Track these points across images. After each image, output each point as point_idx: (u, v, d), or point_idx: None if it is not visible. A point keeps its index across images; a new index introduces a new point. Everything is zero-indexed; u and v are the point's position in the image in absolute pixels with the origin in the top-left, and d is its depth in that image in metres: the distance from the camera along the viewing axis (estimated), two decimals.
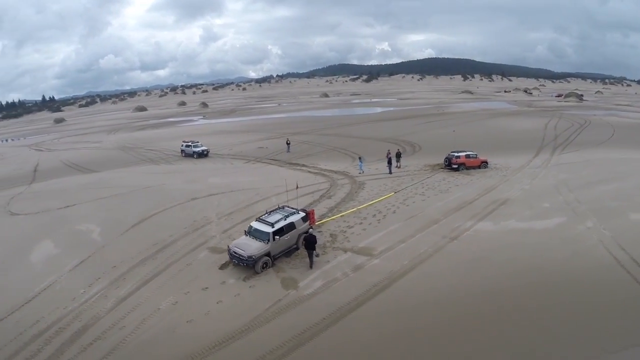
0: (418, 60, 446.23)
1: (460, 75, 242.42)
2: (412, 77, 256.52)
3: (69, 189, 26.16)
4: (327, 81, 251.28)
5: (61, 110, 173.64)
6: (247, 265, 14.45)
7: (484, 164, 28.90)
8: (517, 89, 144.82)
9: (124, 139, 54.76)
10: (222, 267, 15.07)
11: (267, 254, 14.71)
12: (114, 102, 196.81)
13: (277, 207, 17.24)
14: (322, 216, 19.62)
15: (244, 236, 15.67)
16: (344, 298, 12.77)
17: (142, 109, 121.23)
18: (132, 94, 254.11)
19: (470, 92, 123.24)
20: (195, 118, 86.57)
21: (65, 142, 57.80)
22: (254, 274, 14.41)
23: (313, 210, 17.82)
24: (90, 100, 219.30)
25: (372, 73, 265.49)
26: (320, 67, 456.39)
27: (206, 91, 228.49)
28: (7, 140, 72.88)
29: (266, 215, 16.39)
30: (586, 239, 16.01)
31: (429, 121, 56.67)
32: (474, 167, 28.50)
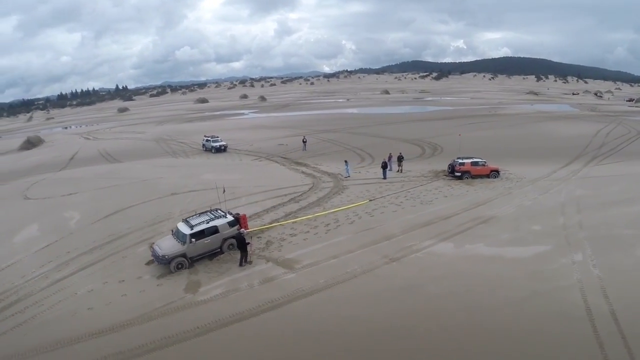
0: (493, 59, 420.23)
1: (534, 76, 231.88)
2: (484, 76, 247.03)
3: (83, 178, 29.16)
4: (396, 78, 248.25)
5: (132, 100, 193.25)
6: (162, 264, 14.82)
7: (493, 173, 25.81)
8: (587, 92, 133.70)
9: (166, 130, 59.25)
10: (149, 263, 15.47)
11: (183, 255, 14.88)
12: (183, 93, 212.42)
13: (209, 209, 17.16)
14: (275, 220, 19.03)
15: (170, 235, 16.08)
16: (230, 311, 12.24)
17: (204, 100, 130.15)
18: (202, 85, 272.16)
19: (536, 94, 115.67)
20: (246, 112, 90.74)
21: (115, 131, 63.86)
22: (169, 273, 14.70)
23: (244, 215, 17.36)
24: (161, 90, 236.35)
25: (443, 71, 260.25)
26: (393, 64, 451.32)
27: (274, 85, 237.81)
28: (68, 128, 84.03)
29: (194, 216, 16.54)
30: (562, 277, 13.15)
31: (473, 122, 53.39)
32: (480, 176, 25.76)
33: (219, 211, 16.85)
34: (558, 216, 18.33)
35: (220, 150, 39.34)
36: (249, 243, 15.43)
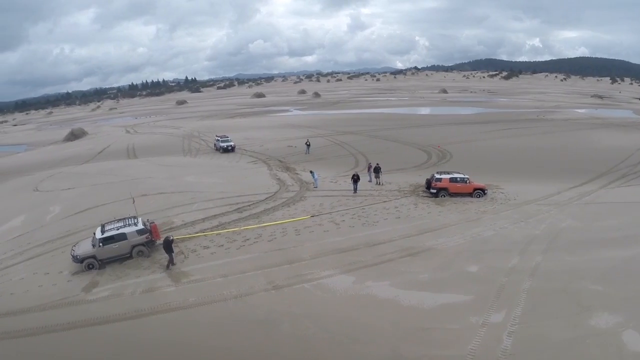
0: (569, 59, 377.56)
1: (609, 78, 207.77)
2: (556, 76, 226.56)
3: (88, 174, 32.56)
4: (464, 76, 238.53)
5: (200, 91, 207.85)
6: (76, 263, 15.96)
7: (477, 192, 22.96)
8: None
9: (202, 126, 62.84)
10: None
11: (93, 257, 15.95)
12: (249, 86, 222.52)
13: (127, 217, 17.89)
14: (203, 230, 19.04)
15: (90, 238, 17.08)
16: (99, 313, 13.11)
17: (260, 95, 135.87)
18: (268, 79, 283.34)
19: (601, 97, 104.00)
20: (292, 109, 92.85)
21: (157, 125, 68.87)
22: (82, 271, 15.77)
23: (155, 225, 17.69)
24: (229, 83, 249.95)
25: (515, 70, 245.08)
26: (466, 61, 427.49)
27: (340, 80, 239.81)
28: (120, 119, 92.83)
29: (112, 222, 17.40)
30: (454, 343, 10.83)
31: (508, 128, 49.80)
32: (461, 194, 23.20)
33: (133, 219, 17.43)
34: (513, 255, 15.48)
35: (228, 150, 40.57)
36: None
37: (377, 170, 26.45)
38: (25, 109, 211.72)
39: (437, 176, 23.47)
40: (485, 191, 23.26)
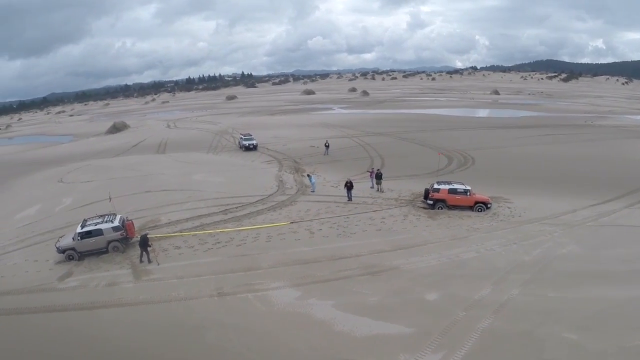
0: (633, 62, 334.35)
1: None
2: (617, 80, 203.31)
3: (111, 167, 34.93)
4: (522, 77, 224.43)
5: (255, 87, 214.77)
6: (58, 253, 17.38)
7: (479, 206, 21.06)
8: None
9: (240, 123, 64.28)
10: None
11: (73, 249, 17.26)
12: (304, 83, 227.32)
13: (107, 214, 18.98)
14: (185, 230, 19.68)
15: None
16: (59, 302, 14.06)
17: (310, 92, 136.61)
18: (324, 75, 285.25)
19: None
20: (335, 107, 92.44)
21: (197, 120, 71.59)
22: (65, 261, 17.16)
23: (130, 222, 18.58)
24: (284, 79, 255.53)
25: (574, 72, 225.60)
26: (527, 62, 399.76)
27: (395, 78, 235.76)
28: (168, 113, 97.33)
29: (93, 218, 18.60)
30: None
31: (549, 133, 46.00)
32: (461, 207, 21.38)
33: (111, 216, 18.51)
34: (485, 285, 13.90)
35: (250, 148, 41.24)
36: (150, 245, 16.96)
37: (378, 176, 25.38)
38: (85, 100, 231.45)
39: (436, 186, 21.92)
40: (489, 205, 21.29)
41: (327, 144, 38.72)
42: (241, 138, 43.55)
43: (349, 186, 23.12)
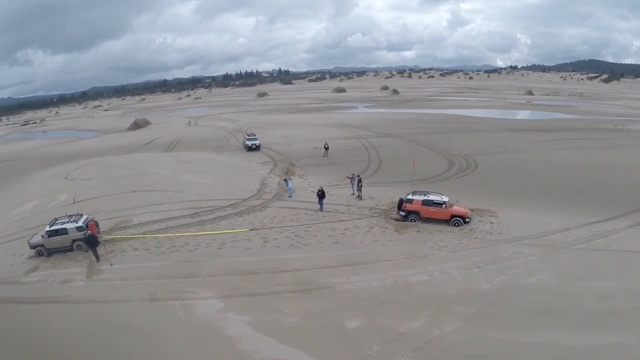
0: None
1: None
2: None
3: (115, 165, 36.39)
4: (561, 77, 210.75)
5: (291, 83, 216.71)
6: (30, 249, 18.53)
7: (455, 220, 19.61)
8: None
9: (259, 121, 63.60)
10: None
11: (42, 246, 18.40)
12: (340, 80, 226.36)
13: (75, 214, 19.96)
14: (149, 232, 20.07)
15: None
16: (17, 294, 15.26)
17: (341, 90, 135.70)
18: (360, 73, 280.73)
19: None
20: (360, 106, 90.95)
21: (216, 118, 72.46)
22: (35, 256, 18.30)
23: (92, 223, 19.20)
24: (320, 76, 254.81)
25: (617, 73, 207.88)
26: (569, 62, 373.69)
27: (432, 77, 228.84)
28: (195, 109, 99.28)
29: (63, 217, 19.67)
30: None
31: (574, 137, 42.78)
32: (436, 221, 20.07)
33: (77, 217, 19.51)
34: (421, 316, 12.79)
35: (252, 149, 41.35)
36: (98, 244, 17.93)
37: (358, 182, 24.46)
38: (123, 94, 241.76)
39: (409, 196, 20.71)
40: (467, 219, 19.79)
41: (326, 146, 38.04)
42: (246, 138, 43.76)
43: (320, 194, 22.36)
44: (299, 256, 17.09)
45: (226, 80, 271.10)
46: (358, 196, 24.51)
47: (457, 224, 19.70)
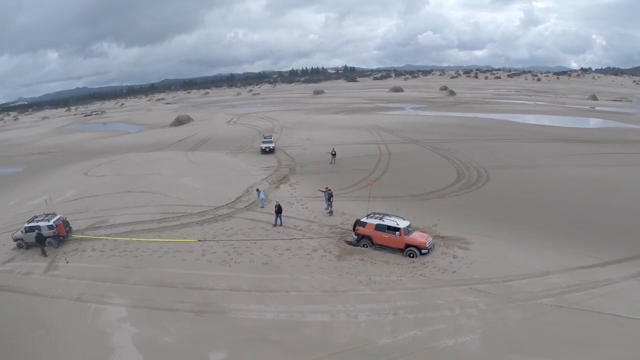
0: None
1: None
2: None
3: (131, 163, 39.09)
4: (634, 82, 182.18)
5: (356, 81, 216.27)
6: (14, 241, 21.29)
7: (410, 250, 18.02)
8: None
9: (292, 122, 64.65)
10: None
11: (21, 239, 20.99)
12: (405, 79, 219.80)
13: (50, 213, 22.15)
14: (111, 234, 21.72)
15: None
16: None
17: (398, 89, 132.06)
18: (426, 72, 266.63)
19: None
20: (408, 107, 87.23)
21: (257, 117, 73.82)
22: (17, 248, 21.04)
23: (61, 223, 21.33)
24: (385, 74, 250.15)
25: None
26: None
27: (499, 77, 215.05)
28: (247, 106, 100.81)
29: (40, 216, 21.93)
30: None
31: (621, 152, 37.49)
32: (390, 249, 18.55)
33: (50, 216, 21.70)
34: None
35: (265, 151, 41.99)
36: (50, 241, 20.71)
37: (329, 196, 23.53)
38: (191, 87, 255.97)
39: (363, 219, 19.33)
40: (423, 250, 17.90)
41: (333, 152, 37.15)
42: (262, 140, 44.24)
43: (276, 210, 21.81)
44: (222, 274, 17.26)
45: (292, 76, 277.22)
46: (330, 212, 23.50)
47: (411, 255, 18.07)
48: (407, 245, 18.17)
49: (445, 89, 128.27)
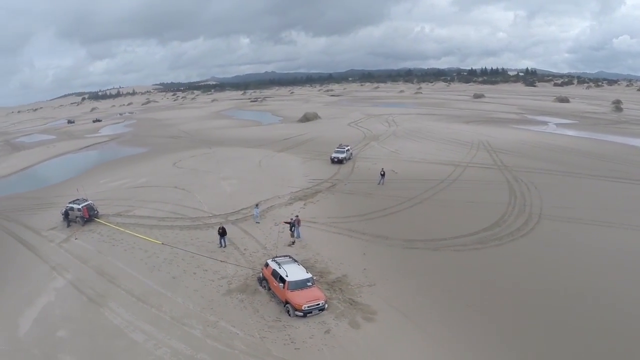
0: None
1: None
2: None
3: (215, 158, 45.50)
4: None
5: (534, 85, 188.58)
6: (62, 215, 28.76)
7: (286, 306, 16.64)
8: None
9: (407, 129, 62.47)
10: None
11: (67, 214, 27.72)
12: (587, 87, 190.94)
13: (82, 199, 28.59)
14: (122, 224, 26.73)
15: None
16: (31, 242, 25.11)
17: (564, 100, 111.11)
18: (611, 82, 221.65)
19: None
20: (552, 123, 72.21)
21: (380, 120, 72.23)
22: (64, 220, 28.09)
23: (85, 207, 27.29)
24: (567, 80, 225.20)
25: None
26: None
27: None
28: (392, 106, 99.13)
29: (78, 199, 28.55)
30: None
31: None
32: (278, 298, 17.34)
33: (82, 201, 28.30)
34: None
35: (335, 162, 41.74)
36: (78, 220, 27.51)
37: (292, 225, 22.91)
38: (368, 80, 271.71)
39: (268, 260, 18.80)
40: (298, 312, 16.28)
41: (382, 173, 34.50)
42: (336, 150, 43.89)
43: (220, 232, 22.90)
44: (138, 276, 20.03)
45: (470, 76, 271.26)
46: (293, 242, 22.82)
47: (288, 312, 16.78)
48: (286, 301, 16.80)
49: (617, 102, 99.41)
